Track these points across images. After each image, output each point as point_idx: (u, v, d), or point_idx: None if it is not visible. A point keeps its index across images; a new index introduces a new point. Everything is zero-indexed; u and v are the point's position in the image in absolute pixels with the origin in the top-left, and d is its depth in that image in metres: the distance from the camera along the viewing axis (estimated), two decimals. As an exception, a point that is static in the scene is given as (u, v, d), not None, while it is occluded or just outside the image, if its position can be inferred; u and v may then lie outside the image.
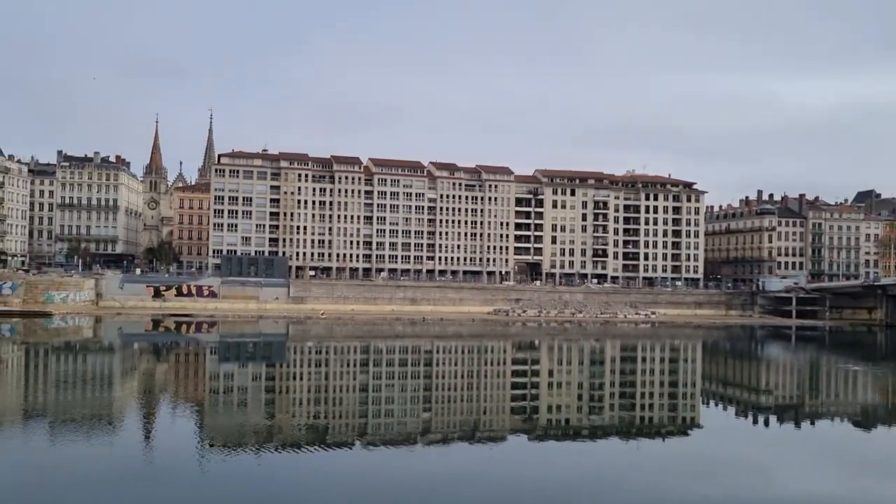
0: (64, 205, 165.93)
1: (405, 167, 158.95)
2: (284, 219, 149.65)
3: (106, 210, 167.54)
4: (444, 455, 37.29)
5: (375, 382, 61.12)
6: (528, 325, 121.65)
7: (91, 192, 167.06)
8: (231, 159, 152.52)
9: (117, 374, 63.99)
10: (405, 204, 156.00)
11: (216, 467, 33.02)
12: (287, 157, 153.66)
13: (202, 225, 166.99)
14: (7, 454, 34.94)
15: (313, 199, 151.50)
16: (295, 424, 43.23)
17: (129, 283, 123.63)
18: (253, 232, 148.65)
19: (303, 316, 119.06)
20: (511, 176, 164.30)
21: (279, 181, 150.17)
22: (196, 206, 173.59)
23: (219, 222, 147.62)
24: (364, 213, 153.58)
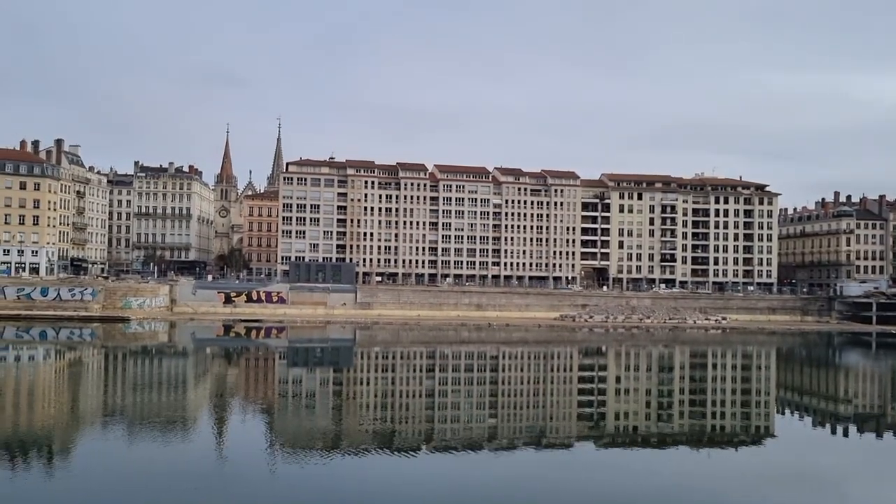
0: (140, 214, 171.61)
1: (470, 173, 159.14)
2: (351, 225, 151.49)
3: (179, 218, 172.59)
4: (510, 461, 37.08)
5: (441, 388, 61.22)
6: (595, 331, 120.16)
7: (166, 202, 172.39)
8: (299, 167, 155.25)
9: (191, 377, 65.76)
10: (470, 210, 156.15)
11: (285, 469, 33.59)
12: (354, 164, 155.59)
13: (271, 232, 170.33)
14: (90, 453, 36.32)
15: (380, 205, 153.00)
16: (362, 429, 43.60)
17: (201, 289, 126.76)
18: (321, 238, 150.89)
19: (369, 321, 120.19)
20: (577, 180, 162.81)
21: (346, 188, 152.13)
22: (265, 213, 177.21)
23: (287, 229, 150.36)
24: (430, 219, 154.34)
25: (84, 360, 75.57)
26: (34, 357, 76.41)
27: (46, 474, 32.22)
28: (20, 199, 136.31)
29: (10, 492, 29.22)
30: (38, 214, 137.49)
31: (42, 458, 34.80)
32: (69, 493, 29.51)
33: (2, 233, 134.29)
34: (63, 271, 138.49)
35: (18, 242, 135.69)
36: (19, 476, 31.61)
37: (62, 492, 29.65)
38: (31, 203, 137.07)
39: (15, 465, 33.10)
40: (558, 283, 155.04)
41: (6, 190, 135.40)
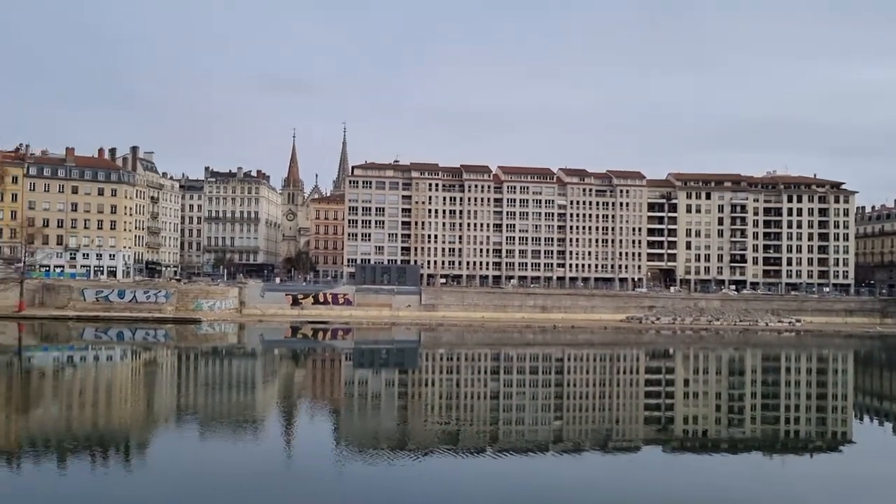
0: (211, 218, 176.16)
1: (534, 174, 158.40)
2: (416, 227, 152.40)
3: (248, 222, 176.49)
4: (576, 464, 36.68)
5: (506, 390, 60.98)
6: (662, 333, 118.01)
7: (235, 206, 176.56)
8: (364, 171, 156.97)
9: (260, 378, 67.10)
10: (535, 211, 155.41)
11: (351, 469, 33.95)
12: (418, 167, 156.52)
13: (337, 235, 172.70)
14: (164, 450, 37.43)
15: (444, 207, 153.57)
16: (427, 430, 43.74)
17: (269, 291, 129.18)
18: (385, 241, 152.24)
19: (434, 323, 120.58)
20: (643, 180, 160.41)
21: (410, 191, 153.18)
22: (331, 216, 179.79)
23: (353, 232, 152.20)
24: (494, 220, 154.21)
25: (158, 360, 77.90)
26: (112, 357, 79.12)
27: (124, 470, 33.31)
28: (98, 204, 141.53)
29: (89, 486, 30.33)
30: (116, 219, 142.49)
31: (119, 455, 35.98)
32: (144, 489, 30.42)
33: (81, 237, 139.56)
34: (138, 274, 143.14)
35: (97, 247, 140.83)
36: (98, 471, 32.76)
37: (138, 488, 30.58)
38: (108, 209, 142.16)
39: (95, 461, 34.31)
40: (624, 284, 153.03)
41: (86, 196, 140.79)
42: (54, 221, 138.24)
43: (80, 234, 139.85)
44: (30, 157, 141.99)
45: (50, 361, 72.18)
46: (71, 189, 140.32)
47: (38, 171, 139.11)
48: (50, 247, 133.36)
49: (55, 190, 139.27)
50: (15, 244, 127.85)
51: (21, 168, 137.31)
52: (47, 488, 29.86)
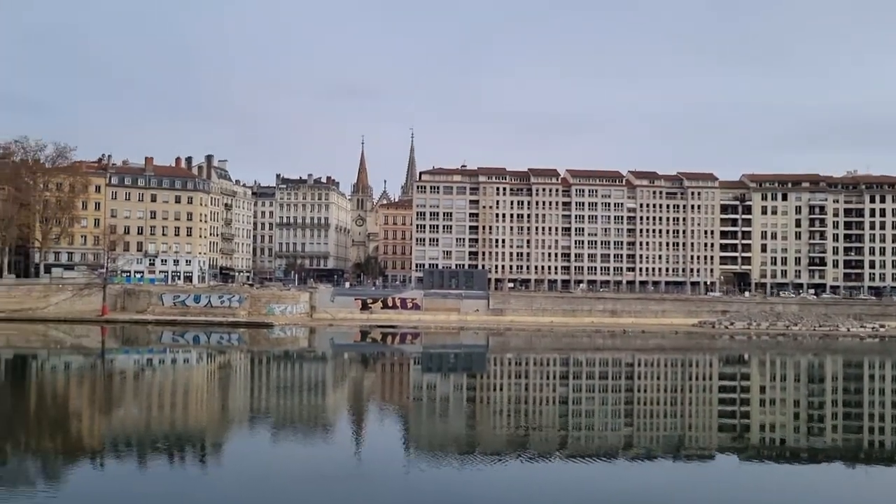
0: (282, 224, 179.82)
1: (603, 177, 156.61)
2: (483, 232, 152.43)
3: (318, 228, 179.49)
4: (648, 471, 36.01)
5: (575, 395, 60.37)
6: (737, 339, 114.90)
7: (305, 212, 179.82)
8: (431, 176, 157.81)
9: (330, 381, 68.08)
10: (604, 214, 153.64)
11: (419, 472, 34.08)
12: (485, 171, 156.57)
13: (405, 240, 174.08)
14: (238, 450, 38.33)
15: (511, 211, 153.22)
16: (495, 434, 43.63)
17: (339, 296, 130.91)
18: (453, 245, 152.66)
19: (502, 327, 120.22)
20: (715, 182, 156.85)
21: (478, 195, 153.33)
22: (399, 221, 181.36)
23: (421, 237, 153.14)
24: (562, 224, 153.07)
25: (232, 363, 79.84)
26: (188, 360, 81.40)
27: (200, 470, 34.25)
28: (175, 212, 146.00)
29: (167, 485, 31.26)
30: (192, 226, 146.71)
31: (196, 455, 36.99)
32: (219, 488, 31.20)
33: (160, 244, 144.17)
34: (213, 279, 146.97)
35: (174, 252, 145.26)
36: (176, 470, 33.78)
37: (213, 487, 31.39)
38: (185, 216, 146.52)
39: (172, 460, 35.37)
40: (696, 288, 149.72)
41: (164, 204, 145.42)
42: (134, 228, 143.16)
43: (158, 241, 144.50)
44: (112, 166, 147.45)
45: (131, 364, 74.74)
46: (150, 197, 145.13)
47: (119, 180, 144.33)
48: (130, 253, 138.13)
49: (135, 198, 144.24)
50: (98, 251, 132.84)
51: (104, 177, 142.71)
52: (128, 486, 30.91)
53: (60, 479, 32.43)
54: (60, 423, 45.70)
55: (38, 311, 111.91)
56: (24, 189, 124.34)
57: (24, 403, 52.78)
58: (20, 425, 44.74)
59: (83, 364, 74.50)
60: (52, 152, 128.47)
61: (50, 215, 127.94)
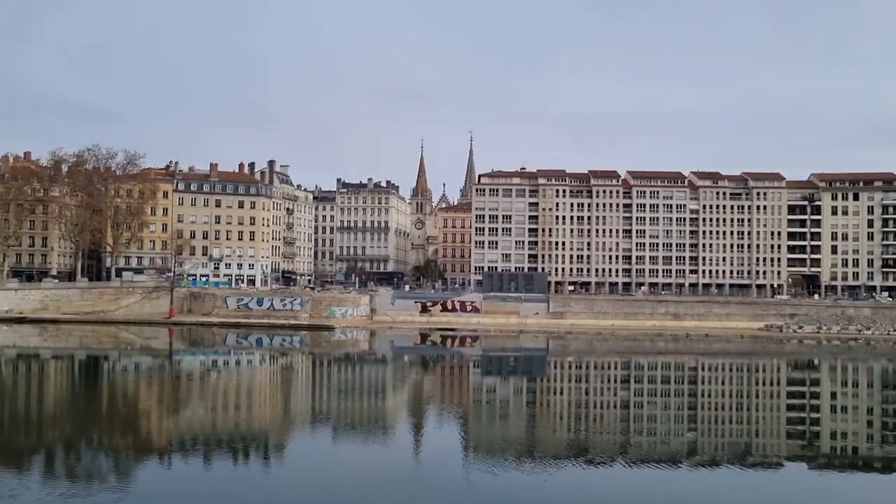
0: (342, 228, 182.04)
1: (665, 178, 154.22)
2: (543, 234, 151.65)
3: (378, 231, 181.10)
4: (713, 478, 35.19)
5: (637, 399, 59.47)
6: (805, 343, 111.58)
7: (365, 216, 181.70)
8: (490, 179, 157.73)
9: (390, 383, 68.52)
10: (665, 216, 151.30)
11: (479, 475, 34.00)
12: (544, 173, 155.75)
13: (464, 243, 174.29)
14: (299, 451, 38.92)
15: (571, 214, 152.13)
16: (555, 438, 43.28)
17: (399, 299, 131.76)
18: (513, 248, 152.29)
19: (562, 331, 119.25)
20: (782, 182, 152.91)
21: (537, 198, 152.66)
22: (459, 224, 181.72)
23: (480, 240, 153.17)
24: (623, 226, 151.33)
25: (294, 365, 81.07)
26: (251, 362, 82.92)
27: (262, 470, 34.83)
28: (239, 216, 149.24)
29: (231, 484, 31.91)
30: (255, 230, 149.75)
31: (259, 455, 37.63)
32: (280, 488, 31.68)
33: (224, 248, 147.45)
34: (275, 283, 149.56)
35: (238, 256, 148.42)
36: (240, 470, 34.42)
37: (275, 487, 31.89)
38: (248, 220, 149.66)
39: (237, 460, 36.07)
40: (762, 291, 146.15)
41: (228, 209, 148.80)
42: (200, 233, 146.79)
43: (222, 245, 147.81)
44: (178, 173, 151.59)
45: (197, 365, 76.53)
46: (215, 202, 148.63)
47: (185, 186, 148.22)
48: (196, 257, 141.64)
49: (200, 203, 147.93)
50: (166, 255, 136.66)
51: (171, 184, 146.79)
52: (194, 484, 31.69)
53: (131, 476, 33.40)
54: (131, 422, 47.12)
55: (110, 314, 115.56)
56: (97, 195, 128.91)
57: (97, 403, 54.60)
58: (93, 424, 46.30)
59: (152, 365, 76.65)
60: (122, 160, 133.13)
61: (120, 221, 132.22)
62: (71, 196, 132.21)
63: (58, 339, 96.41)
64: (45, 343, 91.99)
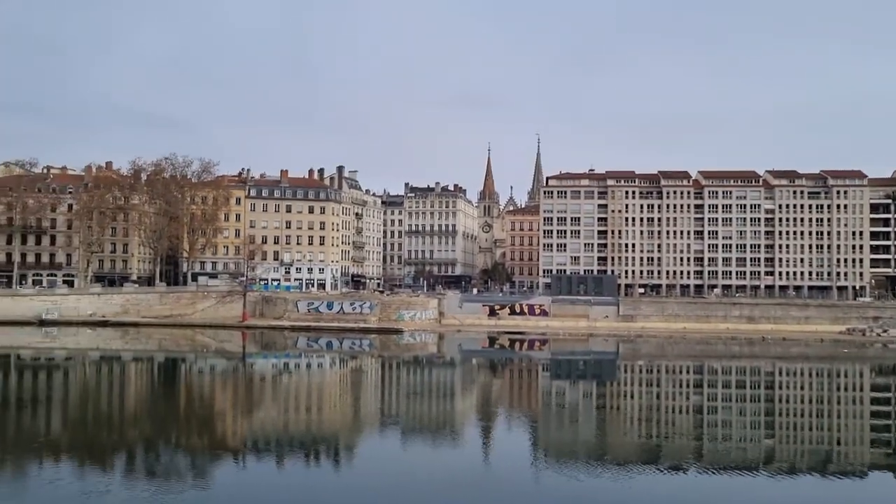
0: (410, 232, 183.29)
1: (738, 178, 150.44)
2: (612, 236, 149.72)
3: (446, 235, 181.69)
4: (791, 487, 34.04)
5: (710, 404, 58.08)
6: (890, 347, 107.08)
7: (433, 219, 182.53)
8: (558, 181, 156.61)
9: (459, 386, 68.61)
10: (739, 216, 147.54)
11: (547, 480, 33.72)
12: (613, 175, 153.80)
13: (532, 246, 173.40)
14: (368, 454, 39.28)
15: (641, 215, 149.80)
16: (626, 443, 42.60)
17: (467, 302, 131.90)
18: (581, 251, 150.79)
19: (633, 334, 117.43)
20: (863, 180, 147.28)
21: (606, 199, 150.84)
22: (526, 227, 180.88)
23: (548, 242, 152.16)
24: (694, 227, 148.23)
25: (364, 368, 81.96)
26: (322, 364, 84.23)
27: (333, 470, 35.32)
28: (309, 222, 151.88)
29: (303, 485, 32.47)
30: (324, 235, 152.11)
31: (329, 456, 38.16)
32: (350, 490, 32.03)
33: (294, 252, 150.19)
34: (345, 286, 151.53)
35: (308, 261, 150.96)
36: (312, 470, 35.00)
37: (345, 488, 32.25)
38: (318, 225, 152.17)
39: (308, 461, 36.67)
40: (842, 293, 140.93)
41: (298, 214, 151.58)
42: (271, 238, 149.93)
43: (293, 250, 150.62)
44: (250, 180, 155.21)
45: (269, 368, 78.20)
46: (285, 208, 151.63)
47: (257, 192, 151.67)
48: (268, 262, 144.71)
49: (272, 209, 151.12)
50: (239, 260, 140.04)
51: (243, 190, 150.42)
52: (267, 484, 32.28)
53: (207, 475, 34.28)
54: (207, 422, 48.41)
55: (186, 317, 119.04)
56: (174, 203, 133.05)
57: (175, 403, 56.29)
58: (172, 424, 47.74)
59: (226, 367, 78.59)
60: (197, 168, 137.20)
61: (196, 227, 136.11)
62: (150, 204, 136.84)
63: (138, 341, 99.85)
64: (127, 346, 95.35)
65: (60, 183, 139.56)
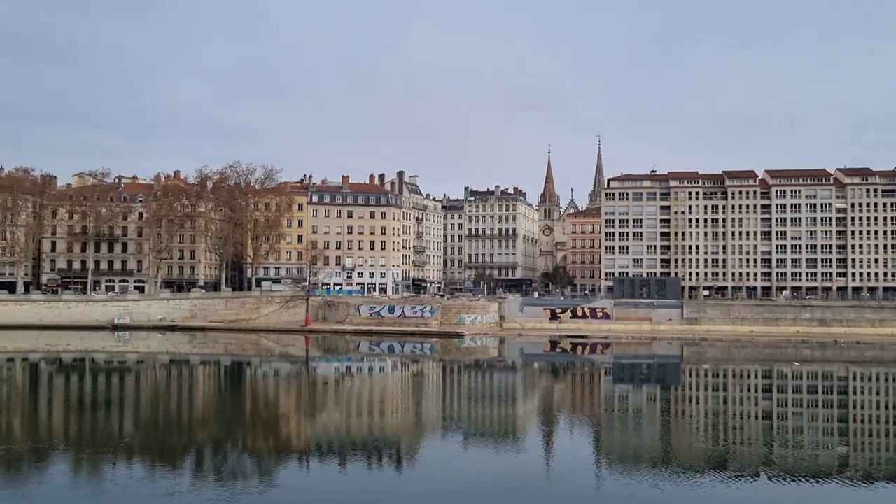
0: (470, 235, 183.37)
1: (807, 176, 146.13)
2: (675, 238, 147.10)
3: (506, 238, 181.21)
4: (867, 496, 32.83)
5: (780, 410, 56.47)
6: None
7: (493, 223, 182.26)
8: (620, 182, 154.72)
9: (520, 390, 68.25)
10: (808, 216, 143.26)
11: (611, 485, 33.28)
12: (676, 175, 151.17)
13: (594, 248, 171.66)
14: (430, 457, 39.38)
15: (705, 216, 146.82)
16: (691, 449, 41.72)
17: (528, 306, 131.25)
18: (644, 253, 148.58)
19: (697, 337, 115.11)
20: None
21: (669, 201, 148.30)
22: (587, 230, 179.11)
23: (610, 245, 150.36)
24: (761, 228, 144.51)
25: (425, 371, 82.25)
26: (384, 368, 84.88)
27: (396, 474, 35.51)
28: (370, 227, 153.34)
29: (365, 488, 32.71)
30: (385, 240, 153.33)
31: (391, 459, 38.38)
32: (412, 493, 32.16)
33: (356, 257, 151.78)
34: (405, 291, 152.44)
35: (369, 266, 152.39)
36: (374, 473, 35.25)
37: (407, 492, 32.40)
38: (378, 230, 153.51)
39: (370, 464, 36.94)
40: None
41: (359, 219, 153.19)
42: (333, 243, 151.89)
43: (354, 255, 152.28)
44: (312, 186, 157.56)
45: (332, 371, 79.14)
46: (347, 213, 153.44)
47: (319, 198, 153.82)
48: (330, 267, 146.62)
49: (333, 215, 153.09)
50: (301, 265, 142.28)
51: (305, 196, 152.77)
52: (331, 486, 32.69)
53: (272, 476, 34.83)
54: (272, 425, 49.27)
55: (251, 322, 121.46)
56: (238, 209, 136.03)
57: (241, 406, 57.47)
58: (238, 426, 48.77)
59: (290, 371, 79.88)
60: (261, 175, 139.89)
61: (259, 233, 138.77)
62: (215, 211, 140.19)
63: (205, 345, 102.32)
64: (194, 349, 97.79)
65: (131, 192, 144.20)
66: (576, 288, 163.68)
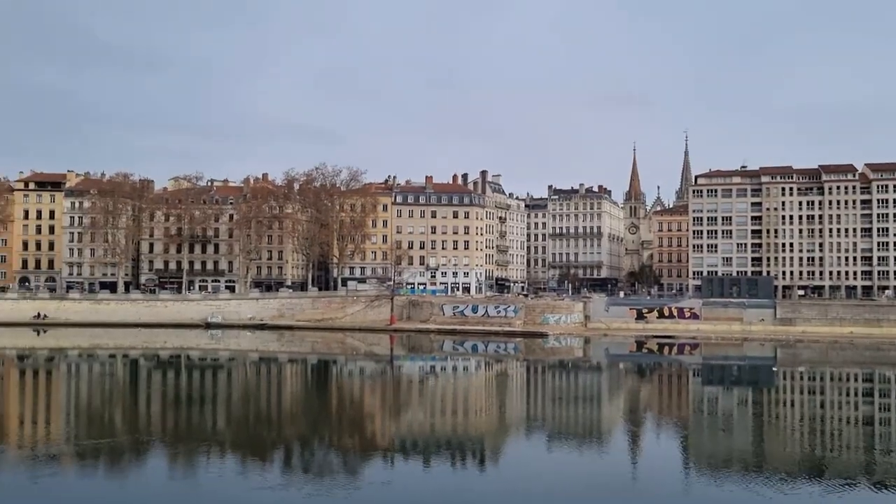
0: (554, 234, 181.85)
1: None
2: (767, 236, 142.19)
3: (590, 237, 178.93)
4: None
5: (883, 415, 53.83)
6: None
7: (577, 222, 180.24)
8: (708, 179, 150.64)
9: (605, 391, 67.34)
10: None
11: (699, 489, 32.46)
12: (768, 171, 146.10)
13: (681, 247, 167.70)
14: (514, 457, 39.32)
15: (799, 213, 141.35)
16: (786, 454, 40.20)
17: (613, 305, 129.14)
18: (734, 251, 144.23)
19: (792, 339, 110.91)
20: None
21: (760, 197, 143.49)
22: (674, 228, 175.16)
23: (698, 243, 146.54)
24: (861, 224, 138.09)
25: (509, 371, 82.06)
26: (467, 368, 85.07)
27: (479, 474, 35.61)
28: (454, 226, 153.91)
29: (449, 486, 32.91)
30: (468, 240, 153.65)
31: (475, 458, 38.45)
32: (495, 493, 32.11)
33: (440, 257, 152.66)
34: (489, 290, 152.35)
35: (453, 265, 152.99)
36: (457, 472, 35.43)
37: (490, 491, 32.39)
38: (462, 230, 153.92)
39: (454, 463, 37.12)
40: None
41: (443, 219, 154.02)
42: (417, 243, 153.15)
43: (438, 254, 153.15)
44: (396, 186, 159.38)
45: (416, 370, 79.86)
46: (430, 213, 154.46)
47: (403, 198, 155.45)
48: (414, 266, 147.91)
49: (417, 215, 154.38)
50: (386, 265, 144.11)
51: (389, 197, 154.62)
52: (415, 484, 33.01)
53: (358, 473, 35.42)
54: (357, 422, 50.09)
55: (337, 321, 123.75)
56: (324, 211, 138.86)
57: (328, 403, 58.66)
58: (325, 423, 49.79)
59: (375, 370, 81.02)
60: (346, 176, 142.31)
61: (345, 233, 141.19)
62: (302, 212, 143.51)
63: (293, 343, 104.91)
64: (283, 348, 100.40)
65: (222, 195, 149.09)
66: (662, 287, 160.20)
